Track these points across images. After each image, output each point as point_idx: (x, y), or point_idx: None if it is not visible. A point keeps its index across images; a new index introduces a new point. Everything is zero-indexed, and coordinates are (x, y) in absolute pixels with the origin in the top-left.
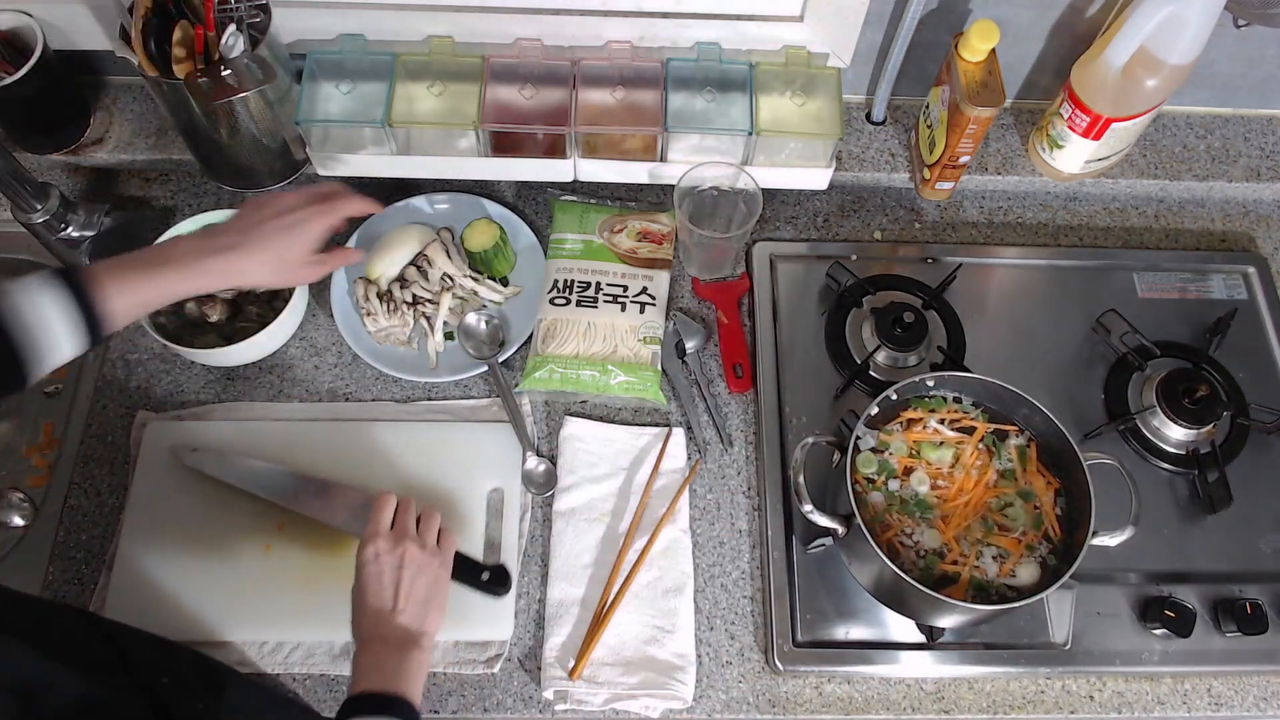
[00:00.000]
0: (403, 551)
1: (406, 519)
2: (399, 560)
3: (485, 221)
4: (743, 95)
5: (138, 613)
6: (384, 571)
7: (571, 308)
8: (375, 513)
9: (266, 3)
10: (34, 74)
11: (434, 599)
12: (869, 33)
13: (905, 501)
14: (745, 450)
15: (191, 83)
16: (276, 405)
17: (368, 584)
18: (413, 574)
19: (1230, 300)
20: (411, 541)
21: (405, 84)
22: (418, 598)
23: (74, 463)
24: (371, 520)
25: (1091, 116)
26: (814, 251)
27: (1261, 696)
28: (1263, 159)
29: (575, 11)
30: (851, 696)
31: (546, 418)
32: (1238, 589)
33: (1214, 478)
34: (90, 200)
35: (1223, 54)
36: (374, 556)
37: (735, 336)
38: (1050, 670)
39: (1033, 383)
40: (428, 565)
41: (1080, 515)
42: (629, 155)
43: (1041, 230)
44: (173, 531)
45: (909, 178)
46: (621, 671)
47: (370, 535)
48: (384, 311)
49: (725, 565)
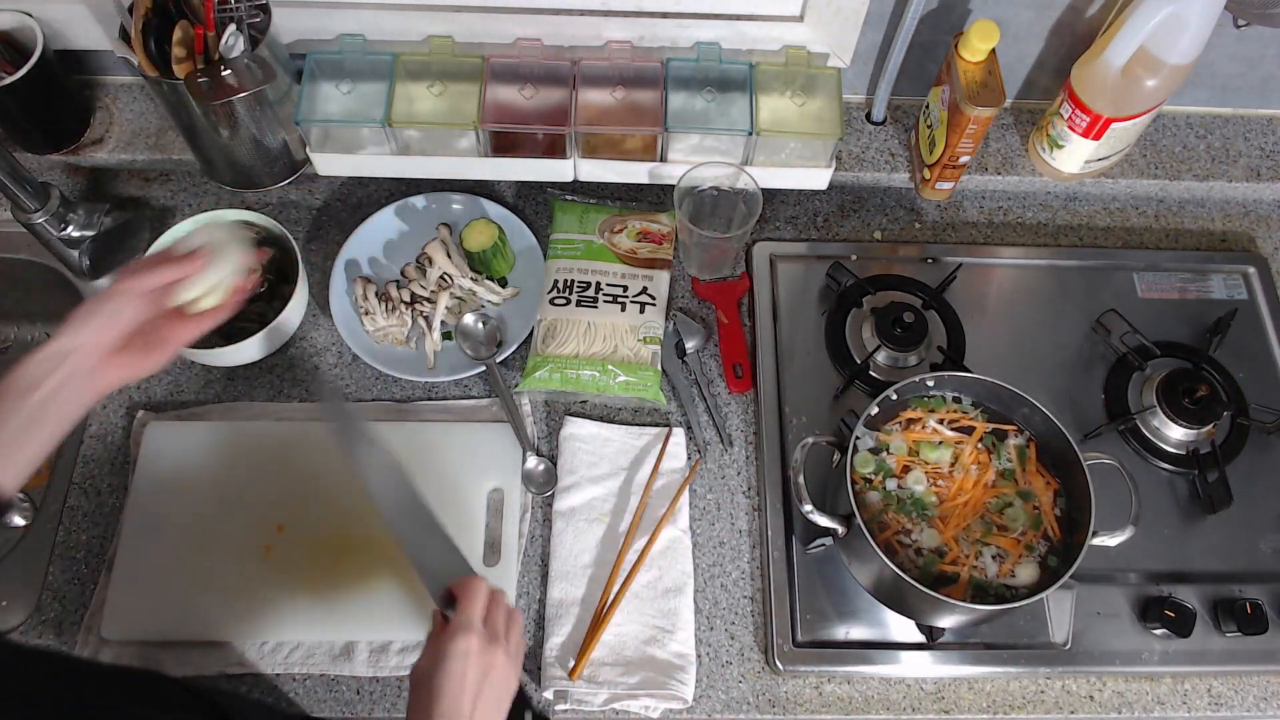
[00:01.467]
0: (492, 658)
1: (498, 617)
2: (486, 667)
3: (484, 221)
4: (743, 95)
5: (138, 613)
6: (469, 674)
7: (571, 308)
8: (468, 600)
9: (266, 3)
10: (34, 74)
11: (501, 714)
12: (869, 33)
13: (902, 501)
14: (745, 450)
15: (191, 83)
16: (276, 405)
17: (450, 682)
18: (494, 685)
19: (1230, 300)
20: (501, 648)
21: (405, 84)
22: (487, 712)
23: (74, 463)
24: (464, 608)
25: (1091, 116)
26: (814, 251)
27: (1261, 696)
28: (1263, 159)
29: (575, 11)
30: (851, 696)
31: (546, 417)
32: (1238, 589)
33: (1214, 478)
34: (90, 200)
35: (1223, 54)
36: (464, 654)
37: (735, 336)
38: (1050, 670)
39: (1033, 383)
40: (508, 679)
41: (1080, 515)
42: (629, 155)
43: (1041, 230)
44: (173, 532)
45: (909, 178)
46: (621, 671)
47: (464, 627)
48: (382, 311)
49: (725, 565)
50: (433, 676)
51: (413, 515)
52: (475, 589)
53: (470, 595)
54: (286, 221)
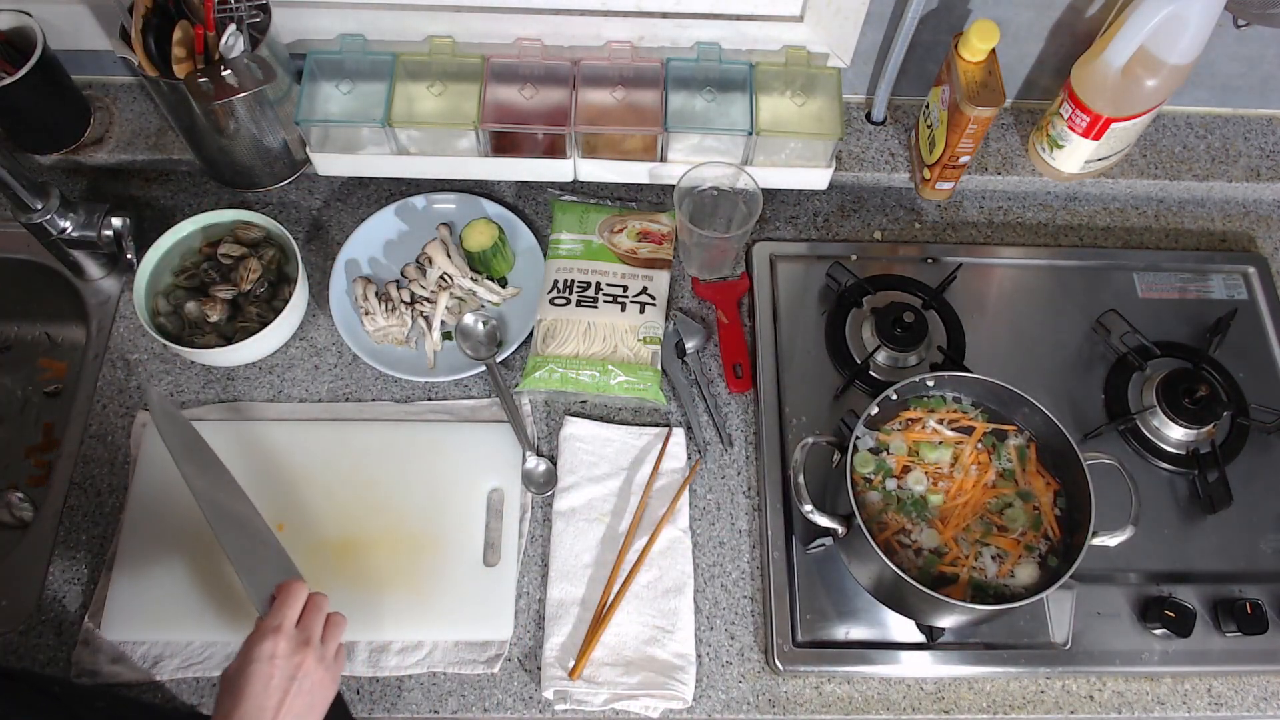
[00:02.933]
0: (301, 660)
1: (313, 623)
2: (293, 669)
3: (484, 221)
4: (743, 95)
5: (138, 613)
6: (274, 676)
7: (571, 308)
8: (282, 603)
9: (266, 3)
10: (34, 74)
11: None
12: (869, 33)
13: (902, 501)
14: (745, 450)
15: (191, 83)
16: (276, 405)
17: (252, 685)
18: (301, 689)
19: (1230, 300)
20: (313, 651)
21: (405, 84)
22: (294, 714)
23: (74, 463)
24: (275, 611)
25: (1091, 116)
26: (814, 251)
27: (1261, 696)
28: (1263, 159)
29: (575, 11)
30: (851, 696)
31: (546, 418)
32: (1238, 589)
33: (1214, 478)
34: (90, 200)
35: (1223, 54)
36: (269, 656)
37: (735, 336)
38: (1050, 670)
39: (1033, 383)
40: (321, 685)
41: (1080, 515)
42: (629, 155)
43: (1041, 230)
44: (173, 531)
45: (909, 178)
46: (621, 671)
47: (273, 629)
48: (382, 311)
49: (725, 565)
50: (236, 679)
51: (239, 523)
52: (292, 593)
53: (285, 598)
54: (286, 221)
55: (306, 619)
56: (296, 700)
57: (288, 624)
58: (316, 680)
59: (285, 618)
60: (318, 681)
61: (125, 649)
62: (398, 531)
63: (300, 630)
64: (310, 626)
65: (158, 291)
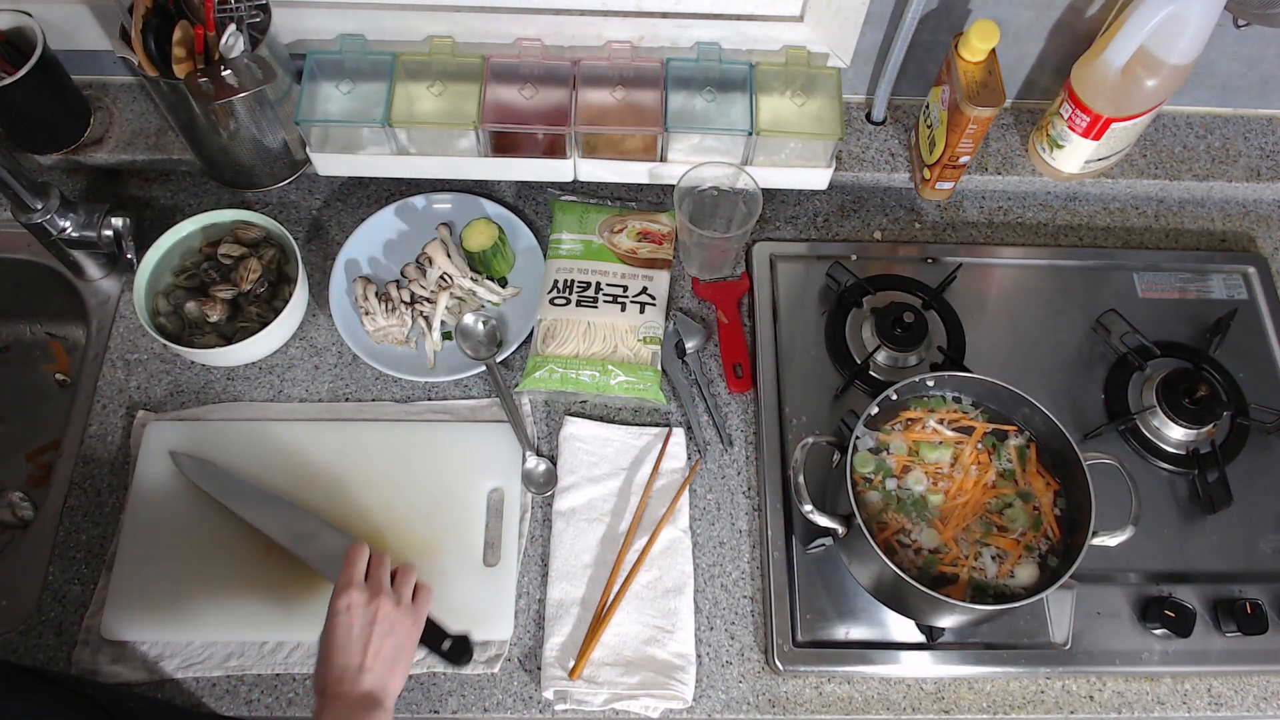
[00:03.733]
0: (376, 607)
1: (381, 572)
2: (372, 616)
3: (484, 221)
4: (743, 95)
5: (138, 613)
6: (354, 625)
7: (571, 308)
8: (347, 564)
9: (266, 3)
10: (34, 74)
11: (401, 659)
12: (869, 33)
13: (902, 501)
14: (745, 450)
15: (191, 83)
16: (276, 405)
17: (336, 636)
18: (384, 631)
19: (1230, 300)
20: (386, 597)
21: (405, 84)
22: (386, 657)
23: (74, 463)
24: (345, 570)
25: (1091, 116)
26: (814, 251)
27: (1261, 696)
28: (1263, 159)
29: (575, 11)
30: (851, 696)
31: (546, 418)
32: (1238, 589)
33: (1214, 478)
34: (90, 200)
35: (1223, 54)
36: (346, 608)
37: (735, 336)
38: (1050, 670)
39: (1033, 383)
40: (400, 623)
41: (1080, 515)
42: (629, 155)
43: (1041, 230)
44: (173, 531)
45: (909, 178)
46: (621, 671)
47: (344, 585)
48: (382, 311)
49: (725, 565)
50: (324, 637)
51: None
52: (354, 553)
53: (349, 560)
54: (286, 221)
55: (374, 571)
56: (385, 642)
57: (357, 577)
58: (397, 621)
59: (353, 574)
60: (398, 622)
61: (125, 649)
62: (398, 531)
63: (371, 582)
64: (380, 577)
65: (158, 291)
